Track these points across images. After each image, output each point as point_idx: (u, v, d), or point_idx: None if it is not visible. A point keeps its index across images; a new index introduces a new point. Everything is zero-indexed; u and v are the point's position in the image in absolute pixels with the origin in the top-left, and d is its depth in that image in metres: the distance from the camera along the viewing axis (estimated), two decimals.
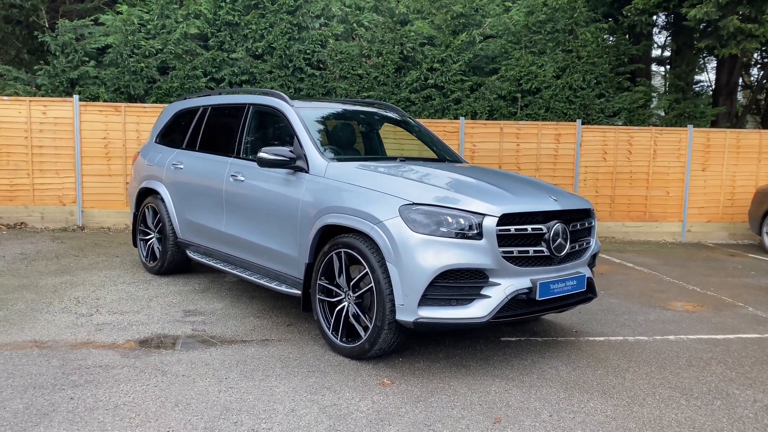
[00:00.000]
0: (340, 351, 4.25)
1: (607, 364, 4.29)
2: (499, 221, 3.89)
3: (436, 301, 3.83)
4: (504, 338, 4.77)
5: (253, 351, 4.32)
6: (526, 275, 4.01)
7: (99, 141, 9.45)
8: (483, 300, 3.87)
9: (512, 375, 4.02)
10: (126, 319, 4.97)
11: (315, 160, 4.70)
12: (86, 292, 5.76)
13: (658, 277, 7.45)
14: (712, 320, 5.54)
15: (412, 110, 10.97)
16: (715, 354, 4.59)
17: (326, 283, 4.36)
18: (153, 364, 4.02)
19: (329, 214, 4.33)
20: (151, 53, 10.29)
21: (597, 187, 10.63)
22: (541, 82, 11.25)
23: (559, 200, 4.26)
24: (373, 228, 3.98)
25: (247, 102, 5.65)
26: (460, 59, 11.07)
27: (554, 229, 4.09)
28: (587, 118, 11.41)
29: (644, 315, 5.64)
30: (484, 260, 3.85)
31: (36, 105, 9.27)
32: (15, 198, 9.34)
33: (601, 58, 11.42)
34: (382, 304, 3.91)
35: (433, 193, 4.03)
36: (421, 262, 3.78)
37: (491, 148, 10.36)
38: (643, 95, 11.63)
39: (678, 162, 10.75)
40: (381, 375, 3.94)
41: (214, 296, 5.77)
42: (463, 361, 4.25)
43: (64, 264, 6.92)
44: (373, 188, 4.19)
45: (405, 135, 6.05)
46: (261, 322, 5.01)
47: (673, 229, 10.85)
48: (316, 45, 10.80)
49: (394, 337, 4.01)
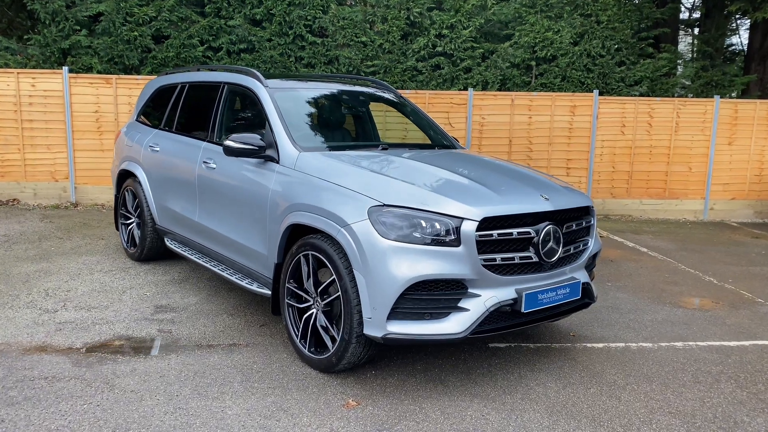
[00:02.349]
0: (308, 362, 3.89)
1: (602, 380, 3.87)
2: (480, 225, 3.44)
3: (408, 314, 3.43)
4: (492, 344, 4.37)
5: (216, 359, 3.98)
6: (511, 285, 3.58)
7: (90, 114, 9.10)
8: (460, 313, 3.46)
9: (494, 394, 3.62)
10: (91, 317, 4.67)
11: (286, 149, 4.27)
12: (59, 282, 5.47)
13: (673, 265, 6.94)
14: (726, 321, 5.06)
15: (419, 80, 10.41)
16: (725, 367, 4.14)
17: (295, 286, 3.98)
18: (103, 375, 3.71)
19: (297, 211, 3.91)
20: (144, 21, 9.82)
21: (614, 163, 10.03)
22: (557, 49, 10.57)
23: (551, 199, 3.78)
24: (340, 231, 3.57)
25: (221, 80, 5.21)
26: (471, 25, 10.42)
27: (544, 233, 3.64)
28: (606, 87, 10.74)
29: (652, 314, 5.18)
30: (461, 270, 3.42)
31: (24, 77, 8.92)
32: (6, 174, 9.08)
33: (623, 23, 10.68)
34: (350, 315, 3.52)
35: (407, 193, 3.59)
36: (390, 271, 3.36)
37: (501, 121, 9.78)
38: (668, 63, 10.90)
39: (702, 135, 10.06)
40: (348, 393, 3.58)
41: (192, 288, 5.44)
42: (442, 374, 3.86)
43: (45, 248, 6.65)
44: (342, 184, 3.76)
45: (395, 116, 5.58)
46: (233, 321, 4.67)
47: (694, 206, 10.24)
48: (318, 10, 10.22)
49: (363, 351, 3.63)
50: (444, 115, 9.65)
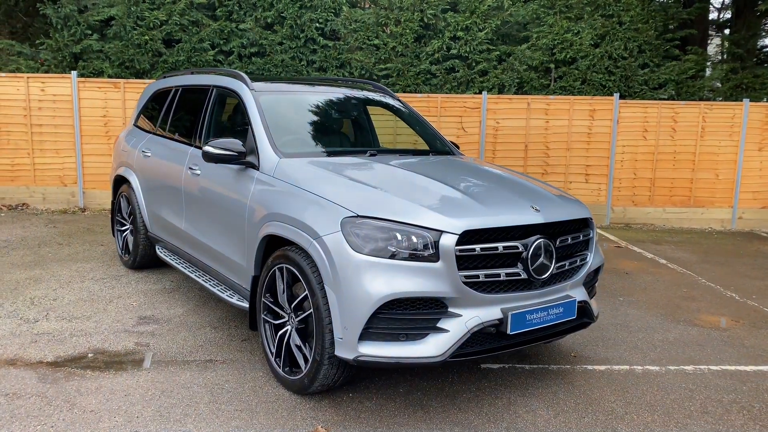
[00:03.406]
0: (282, 382, 3.66)
1: (599, 407, 3.55)
2: (460, 239, 3.16)
3: (382, 335, 3.17)
4: (485, 366, 4.07)
5: (187, 377, 3.77)
6: (497, 304, 3.29)
7: (98, 119, 9.05)
8: (439, 335, 3.18)
9: (477, 422, 3.34)
10: (71, 328, 4.51)
11: (266, 155, 4.05)
12: (47, 290, 5.34)
13: (692, 279, 6.53)
14: (745, 342, 4.67)
15: (433, 83, 10.14)
16: (739, 395, 3.77)
17: (270, 301, 3.75)
18: (66, 393, 3.52)
19: (272, 221, 3.69)
20: (155, 25, 9.75)
21: (635, 169, 9.60)
22: (577, 51, 10.20)
23: (543, 210, 3.48)
24: (312, 243, 3.33)
25: (210, 84, 5.03)
26: (487, 27, 10.11)
27: (534, 247, 3.34)
28: (629, 90, 10.32)
29: (663, 333, 4.82)
30: (440, 287, 3.15)
31: (34, 81, 8.91)
32: (17, 178, 9.08)
33: (647, 24, 10.25)
34: (322, 334, 3.28)
35: (383, 203, 3.34)
36: (362, 288, 3.11)
37: (517, 126, 9.45)
38: (694, 65, 10.42)
39: (730, 141, 9.57)
40: (319, 418, 3.33)
41: (180, 298, 5.26)
42: (425, 399, 3.58)
43: (42, 254, 6.56)
44: (318, 193, 3.52)
45: (392, 120, 5.32)
46: (215, 336, 4.47)
47: (721, 215, 9.74)
48: (329, 13, 10.03)
49: (337, 373, 3.38)
50: (457, 120, 9.36)
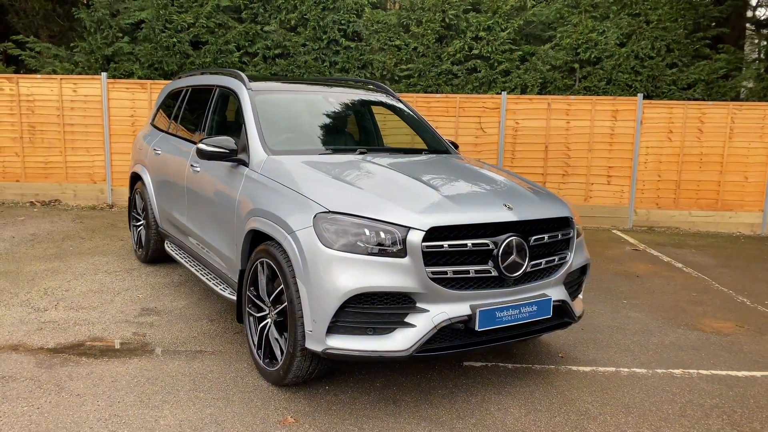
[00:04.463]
0: (262, 373, 3.76)
1: (573, 408, 3.53)
2: (427, 236, 3.20)
3: (349, 329, 3.23)
4: (467, 363, 4.09)
5: (174, 366, 3.91)
6: (466, 300, 3.31)
7: (126, 119, 9.38)
8: (406, 330, 3.22)
9: (446, 418, 3.36)
10: (76, 317, 4.72)
11: (256, 152, 4.17)
12: (61, 282, 5.59)
13: (706, 283, 6.36)
14: (744, 348, 4.55)
15: (454, 83, 10.13)
16: (723, 400, 3.69)
17: (254, 294, 3.85)
18: (57, 377, 3.70)
19: (255, 216, 3.80)
20: (183, 27, 10.05)
21: (660, 171, 9.38)
22: (602, 51, 10.04)
23: (516, 208, 3.48)
24: (287, 238, 3.42)
25: (214, 83, 5.19)
26: (509, 26, 10.05)
27: (505, 245, 3.34)
28: (656, 91, 10.10)
29: (660, 336, 4.73)
30: (407, 282, 3.19)
31: (67, 83, 9.30)
32: (50, 176, 9.49)
33: (675, 22, 10.01)
34: (295, 327, 3.36)
35: (355, 200, 3.40)
36: (330, 283, 3.18)
37: (537, 126, 9.36)
38: (726, 64, 10.12)
39: (761, 142, 9.27)
40: (291, 409, 3.41)
41: (186, 292, 5.43)
42: (399, 394, 3.63)
43: (63, 247, 6.85)
44: (296, 189, 3.61)
45: (393, 120, 5.37)
46: (211, 327, 4.61)
47: (751, 219, 9.43)
48: (352, 14, 10.14)
49: (311, 365, 3.46)
50: (475, 120, 9.34)
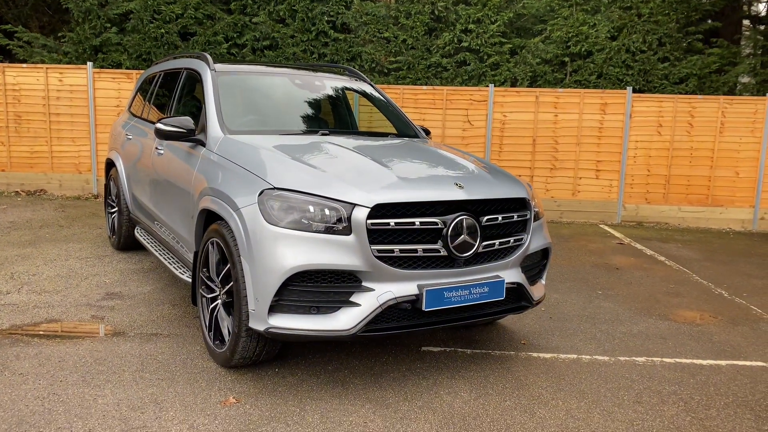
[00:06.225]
0: (212, 355, 3.69)
1: (525, 393, 3.44)
2: (373, 213, 3.12)
3: (293, 308, 3.16)
4: (425, 347, 4.00)
5: (126, 348, 3.85)
6: (414, 279, 3.23)
7: (112, 109, 9.34)
8: (351, 309, 3.15)
9: (392, 400, 3.28)
10: (37, 300, 4.67)
11: (213, 132, 4.10)
12: (30, 266, 5.54)
13: (685, 276, 6.25)
14: (714, 338, 4.45)
15: (444, 76, 10.05)
16: (682, 387, 3.59)
17: (207, 276, 3.78)
18: (4, 358, 3.64)
19: (207, 196, 3.73)
20: (171, 18, 10.01)
21: (649, 165, 9.27)
22: (592, 44, 9.93)
23: (467, 188, 3.40)
24: (232, 215, 3.35)
25: (182, 67, 5.13)
26: (499, 19, 9.96)
27: (454, 224, 3.26)
28: (648, 85, 9.99)
29: (629, 326, 4.63)
30: (351, 260, 3.12)
31: (53, 72, 9.27)
32: (35, 165, 9.46)
33: (667, 16, 9.89)
34: (239, 306, 3.29)
35: (302, 177, 3.33)
36: (272, 260, 3.10)
37: (524, 119, 9.26)
38: (718, 59, 9.99)
39: (752, 137, 9.13)
40: (235, 390, 3.34)
41: (154, 278, 5.37)
42: (350, 377, 3.55)
43: (40, 234, 6.81)
44: (246, 167, 3.54)
45: (363, 105, 5.30)
46: (171, 312, 4.54)
47: (741, 215, 9.30)
48: (340, 6, 10.08)
49: (257, 346, 3.39)
50: (463, 113, 9.25)
